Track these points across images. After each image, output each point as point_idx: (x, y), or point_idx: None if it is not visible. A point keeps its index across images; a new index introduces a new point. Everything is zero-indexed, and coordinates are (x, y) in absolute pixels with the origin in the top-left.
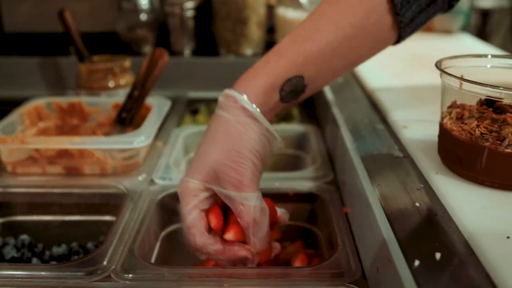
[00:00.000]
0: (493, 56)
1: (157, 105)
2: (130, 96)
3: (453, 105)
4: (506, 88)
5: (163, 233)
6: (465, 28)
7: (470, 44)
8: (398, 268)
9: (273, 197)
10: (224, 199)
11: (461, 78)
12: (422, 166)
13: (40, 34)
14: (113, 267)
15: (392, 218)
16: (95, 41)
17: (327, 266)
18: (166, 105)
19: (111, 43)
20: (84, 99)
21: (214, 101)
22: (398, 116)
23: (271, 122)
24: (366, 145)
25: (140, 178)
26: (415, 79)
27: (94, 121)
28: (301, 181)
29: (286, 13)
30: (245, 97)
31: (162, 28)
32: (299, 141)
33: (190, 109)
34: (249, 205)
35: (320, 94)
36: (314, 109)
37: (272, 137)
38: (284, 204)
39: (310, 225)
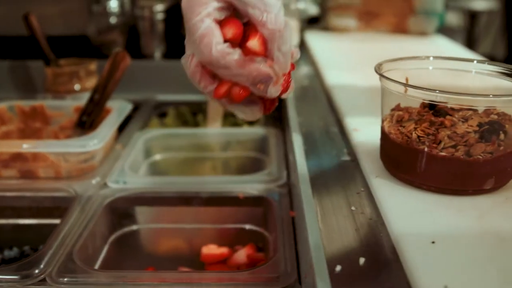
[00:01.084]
0: (435, 57)
1: (117, 108)
2: (91, 100)
3: (396, 108)
4: (441, 91)
5: (113, 237)
6: (455, 30)
7: (444, 46)
8: (316, 274)
9: (224, 200)
10: (242, 7)
11: (397, 81)
12: (365, 169)
13: (11, 37)
14: (49, 271)
15: (325, 222)
16: (65, 44)
17: (263, 270)
18: (127, 108)
19: (82, 46)
20: (46, 103)
21: (183, 104)
22: (352, 118)
23: (237, 125)
24: (315, 148)
25: (94, 181)
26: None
27: (56, 124)
28: (254, 184)
29: None
30: None
31: (132, 31)
32: (261, 144)
33: (158, 112)
34: (274, 12)
35: None
36: (281, 111)
37: None
38: (236, 207)
39: (261, 228)
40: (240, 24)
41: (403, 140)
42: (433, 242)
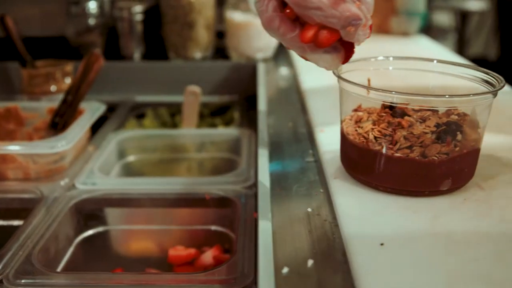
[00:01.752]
0: (395, 58)
1: (90, 109)
2: (64, 101)
3: (357, 109)
4: (398, 92)
5: (78, 239)
6: (446, 31)
7: (426, 46)
8: (260, 275)
9: (192, 202)
10: None
11: (353, 82)
12: (325, 170)
13: None
14: (7, 272)
15: (279, 223)
16: (44, 45)
17: (221, 271)
18: (100, 109)
19: (60, 48)
20: (21, 104)
21: (161, 105)
22: (320, 119)
23: (213, 125)
24: (281, 149)
25: (62, 182)
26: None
27: (30, 125)
28: (222, 185)
29: (235, 16)
30: None
31: (111, 33)
32: (235, 145)
33: (136, 113)
34: None
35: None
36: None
37: None
38: (203, 208)
39: (227, 229)
40: None
41: (360, 141)
42: (382, 244)
